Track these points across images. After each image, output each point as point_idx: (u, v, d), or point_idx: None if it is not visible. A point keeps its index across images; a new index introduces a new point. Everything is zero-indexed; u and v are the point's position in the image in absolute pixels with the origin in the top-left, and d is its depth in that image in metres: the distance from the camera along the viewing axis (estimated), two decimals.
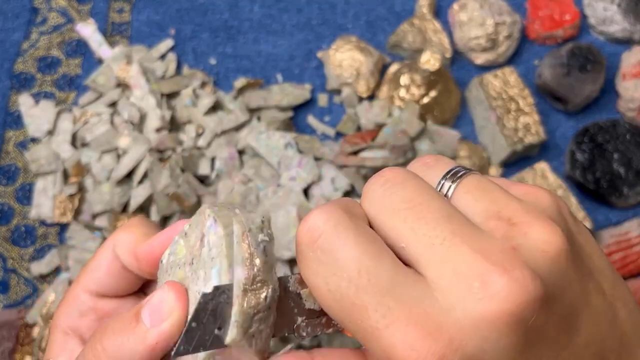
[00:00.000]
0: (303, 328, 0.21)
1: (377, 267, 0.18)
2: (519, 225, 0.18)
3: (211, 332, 0.20)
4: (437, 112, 0.60)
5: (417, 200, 0.19)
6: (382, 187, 0.20)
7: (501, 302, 0.16)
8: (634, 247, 0.54)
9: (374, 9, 0.67)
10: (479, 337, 0.17)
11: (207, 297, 0.19)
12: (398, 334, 0.17)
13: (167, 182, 0.53)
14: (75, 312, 0.27)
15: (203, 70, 0.63)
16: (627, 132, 0.57)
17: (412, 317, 0.17)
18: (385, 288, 0.17)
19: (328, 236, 0.18)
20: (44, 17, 0.67)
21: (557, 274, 0.18)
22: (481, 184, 0.20)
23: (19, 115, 0.61)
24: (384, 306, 0.17)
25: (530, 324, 0.17)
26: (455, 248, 0.17)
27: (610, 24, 0.64)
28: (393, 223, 0.19)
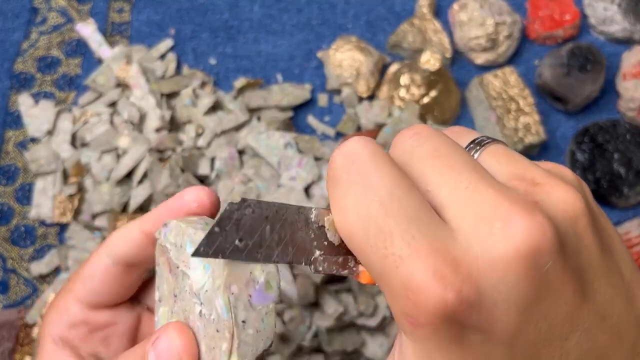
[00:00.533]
0: (320, 263, 0.21)
1: (407, 198, 0.18)
2: (542, 186, 0.19)
3: (232, 241, 0.20)
4: (437, 112, 0.59)
5: (446, 150, 0.19)
6: (412, 138, 0.20)
7: (520, 242, 0.17)
8: (634, 247, 0.54)
9: (374, 9, 0.67)
10: (495, 277, 0.17)
11: (233, 207, 0.20)
12: (419, 263, 0.17)
13: (167, 182, 0.53)
14: (65, 323, 0.27)
15: (203, 70, 0.63)
16: (628, 132, 0.57)
17: (434, 249, 0.17)
18: (413, 219, 0.18)
19: (365, 160, 0.19)
20: (44, 17, 0.67)
21: (574, 235, 0.18)
22: (506, 151, 0.20)
23: (18, 115, 0.61)
24: (409, 235, 0.17)
25: (546, 272, 0.17)
26: (479, 192, 0.18)
27: (610, 24, 0.64)
28: (421, 167, 0.19)
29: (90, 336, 0.27)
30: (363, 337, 0.49)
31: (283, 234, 0.20)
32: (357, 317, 0.49)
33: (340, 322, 0.48)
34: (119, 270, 0.26)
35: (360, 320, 0.49)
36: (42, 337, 0.27)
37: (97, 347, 0.27)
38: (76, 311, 0.27)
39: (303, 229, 0.21)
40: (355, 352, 0.49)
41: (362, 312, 0.49)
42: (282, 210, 0.21)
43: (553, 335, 0.18)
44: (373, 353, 0.49)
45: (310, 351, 0.48)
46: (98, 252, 0.27)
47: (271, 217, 0.20)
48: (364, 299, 0.49)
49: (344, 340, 0.48)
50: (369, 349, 0.49)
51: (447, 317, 0.17)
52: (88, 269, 0.27)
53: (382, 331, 0.50)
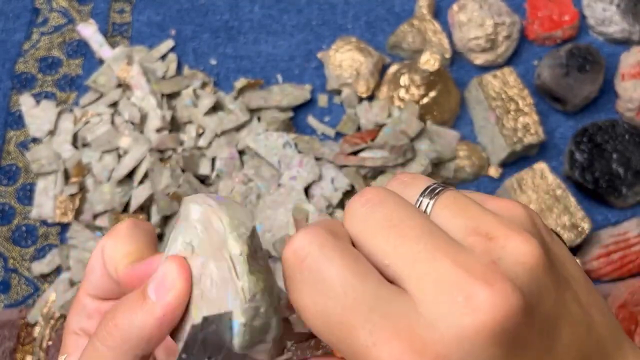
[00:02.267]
0: (293, 352, 0.21)
1: (363, 285, 0.18)
2: (497, 239, 0.19)
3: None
4: (437, 112, 0.60)
5: (398, 218, 0.19)
6: (364, 207, 0.20)
7: (485, 315, 0.17)
8: (632, 247, 0.54)
9: (374, 10, 0.68)
10: (463, 351, 0.17)
11: (196, 328, 0.20)
12: (385, 351, 0.17)
13: (167, 182, 0.53)
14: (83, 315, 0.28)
15: (203, 70, 0.63)
16: (626, 132, 0.58)
17: (398, 332, 0.17)
18: (371, 306, 0.18)
19: (314, 257, 0.19)
20: (45, 17, 0.67)
21: (535, 284, 0.18)
22: (458, 200, 0.20)
23: (20, 115, 0.61)
24: (370, 323, 0.18)
25: (513, 335, 0.17)
26: (437, 262, 0.18)
27: (609, 24, 0.64)
28: (376, 241, 0.19)
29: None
30: None
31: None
32: None
33: None
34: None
35: None
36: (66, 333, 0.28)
37: None
38: (88, 303, 0.28)
39: None
40: None
41: None
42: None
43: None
44: None
45: None
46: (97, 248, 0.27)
47: None
48: None
49: None
50: None
51: None
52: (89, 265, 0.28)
53: None
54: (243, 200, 0.54)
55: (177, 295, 0.22)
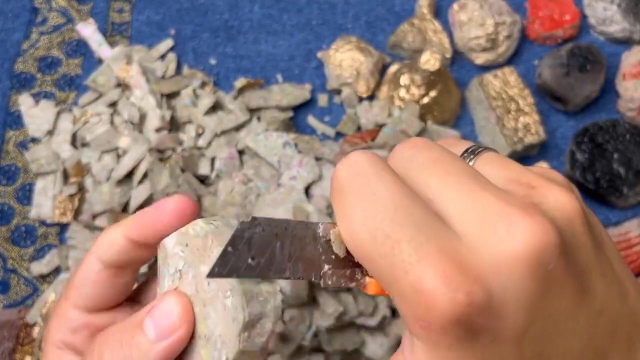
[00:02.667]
0: (329, 277, 0.21)
1: (412, 206, 0.19)
2: (538, 188, 0.19)
3: (245, 260, 0.20)
4: (437, 112, 0.60)
5: (444, 159, 0.20)
6: (410, 150, 0.21)
7: (524, 243, 0.17)
8: (634, 247, 0.54)
9: (374, 9, 0.68)
10: (503, 278, 0.17)
11: (244, 225, 0.20)
12: (428, 267, 0.17)
13: (167, 182, 0.53)
14: (66, 329, 0.27)
15: (203, 70, 0.63)
16: (627, 132, 0.57)
17: (442, 253, 0.17)
18: (419, 225, 0.18)
19: (368, 172, 0.19)
20: (44, 17, 0.67)
21: (572, 234, 0.19)
22: (500, 158, 0.21)
23: (19, 115, 0.61)
24: (416, 240, 0.18)
25: (549, 270, 0.18)
26: (480, 197, 0.18)
27: (610, 24, 0.64)
28: (421, 177, 0.20)
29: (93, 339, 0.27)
30: (363, 336, 0.49)
31: (293, 250, 0.21)
32: (357, 316, 0.49)
33: (340, 321, 0.48)
34: (109, 273, 0.27)
35: (360, 320, 0.49)
36: (46, 344, 0.27)
37: None
38: (75, 317, 0.27)
39: (311, 244, 0.21)
40: (355, 351, 0.49)
41: (362, 312, 0.49)
42: (291, 227, 0.21)
43: (557, 331, 0.18)
44: (373, 352, 0.49)
45: (310, 351, 0.48)
46: (87, 257, 0.27)
47: (281, 234, 0.21)
48: (364, 299, 0.49)
49: (344, 339, 0.48)
50: (369, 348, 0.49)
51: (458, 320, 0.17)
52: (80, 275, 0.27)
53: (382, 331, 0.50)
54: (243, 200, 0.53)
55: (180, 337, 0.21)
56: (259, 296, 0.22)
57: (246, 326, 0.21)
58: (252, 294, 0.22)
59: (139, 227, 0.26)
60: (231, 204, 0.53)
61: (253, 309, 0.21)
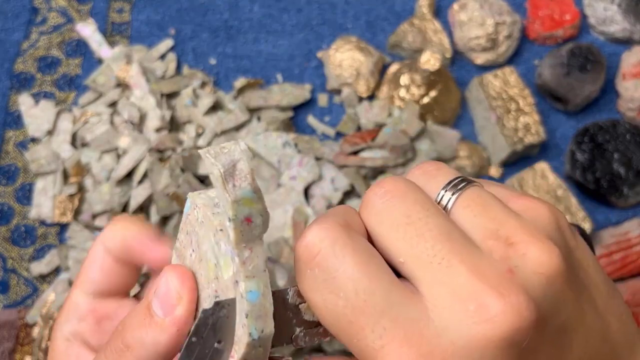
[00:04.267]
0: (301, 338, 0.21)
1: (374, 288, 0.18)
2: (517, 246, 0.18)
3: (211, 346, 0.20)
4: (437, 112, 0.60)
5: (417, 215, 0.19)
6: (381, 199, 0.20)
7: (495, 327, 0.17)
8: (634, 247, 0.54)
9: (374, 9, 0.67)
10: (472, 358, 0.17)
11: (207, 313, 0.20)
12: (393, 354, 0.17)
13: (167, 182, 0.53)
14: (74, 318, 0.27)
15: (203, 70, 0.63)
16: (627, 132, 0.57)
17: (407, 338, 0.17)
18: (382, 309, 0.18)
19: (325, 254, 0.19)
20: (44, 17, 0.67)
21: (552, 296, 0.18)
22: (481, 199, 0.20)
23: (19, 115, 0.61)
24: (380, 327, 0.17)
25: (523, 347, 0.17)
26: (453, 268, 0.18)
27: (610, 24, 0.64)
28: (392, 237, 0.19)
29: (99, 327, 0.27)
30: None
31: None
32: None
33: None
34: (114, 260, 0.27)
35: None
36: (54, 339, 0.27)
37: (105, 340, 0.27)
38: (82, 302, 0.27)
39: (281, 310, 0.21)
40: None
41: None
42: None
43: None
44: None
45: (310, 351, 0.48)
46: (95, 242, 0.27)
47: None
48: None
49: None
50: None
51: None
52: (88, 260, 0.27)
53: None
54: None
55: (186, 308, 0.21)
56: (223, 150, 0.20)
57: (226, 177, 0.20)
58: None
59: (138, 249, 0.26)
60: None
61: (222, 160, 0.20)
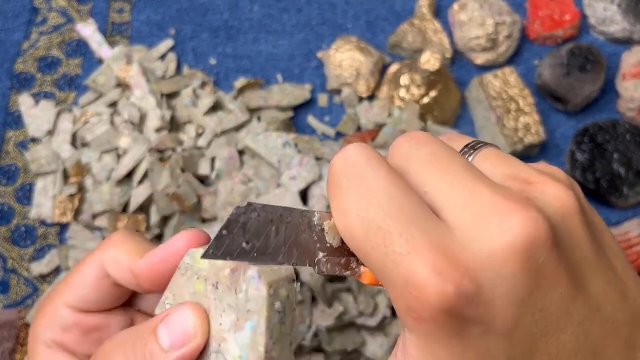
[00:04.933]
0: (323, 264, 0.21)
1: (405, 199, 0.19)
2: (535, 184, 0.19)
3: (239, 244, 0.20)
4: (437, 112, 0.60)
5: (442, 154, 0.20)
6: (409, 143, 0.21)
7: (515, 236, 0.17)
8: (633, 247, 0.54)
9: (374, 9, 0.67)
10: (493, 271, 0.17)
11: (239, 210, 0.20)
12: (419, 259, 0.17)
13: (167, 182, 0.53)
14: (57, 327, 0.26)
15: (203, 70, 0.63)
16: (627, 132, 0.57)
17: (432, 245, 0.18)
18: (411, 218, 0.18)
19: (363, 165, 0.20)
20: (44, 17, 0.67)
21: (567, 230, 0.19)
22: (499, 154, 0.21)
23: (19, 115, 0.61)
24: (408, 232, 0.18)
25: (541, 264, 0.18)
26: (475, 192, 0.18)
27: (610, 24, 0.64)
28: (418, 171, 0.20)
29: (85, 338, 0.26)
30: (363, 336, 0.49)
31: (287, 236, 0.21)
32: (357, 316, 0.49)
33: (340, 321, 0.48)
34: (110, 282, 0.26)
35: (360, 320, 0.49)
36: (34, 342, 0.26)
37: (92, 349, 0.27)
38: (67, 315, 0.26)
39: (306, 231, 0.21)
40: (355, 351, 0.49)
41: (362, 312, 0.49)
42: (286, 213, 0.21)
43: (549, 326, 0.18)
44: (373, 353, 0.49)
45: (310, 350, 0.48)
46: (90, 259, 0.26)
47: (276, 220, 0.21)
48: (364, 299, 0.49)
49: (344, 339, 0.48)
50: (369, 348, 0.49)
51: (448, 311, 0.17)
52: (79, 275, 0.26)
53: (382, 331, 0.50)
54: (243, 200, 0.53)
55: (194, 349, 0.21)
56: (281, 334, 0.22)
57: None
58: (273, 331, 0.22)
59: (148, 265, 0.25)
60: (231, 204, 0.53)
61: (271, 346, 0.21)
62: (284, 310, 0.21)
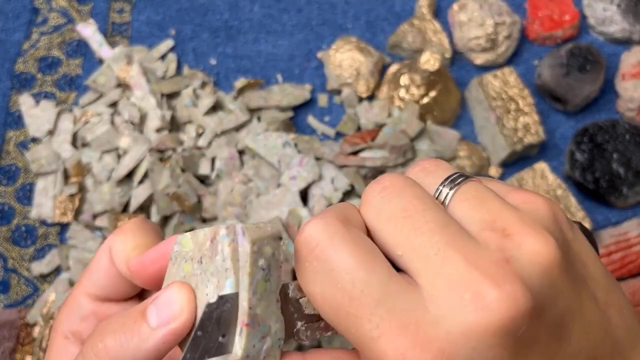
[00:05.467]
0: (303, 332, 0.21)
1: (371, 279, 0.18)
2: (513, 237, 0.19)
3: (216, 339, 0.20)
4: (437, 112, 0.60)
5: (414, 209, 0.19)
6: (380, 195, 0.20)
7: (491, 315, 0.17)
8: (633, 247, 0.54)
9: (374, 9, 0.68)
10: (468, 348, 0.17)
11: (212, 307, 0.20)
12: (390, 343, 0.17)
13: (167, 182, 0.53)
14: (76, 317, 0.27)
15: (203, 70, 0.63)
16: (627, 132, 0.57)
17: (403, 327, 0.17)
18: (378, 299, 0.18)
19: (324, 247, 0.19)
20: (45, 17, 0.67)
21: (548, 285, 0.18)
22: (478, 193, 0.20)
23: (19, 115, 0.61)
24: (377, 317, 0.18)
25: (520, 335, 0.17)
26: (449, 259, 0.18)
27: (609, 24, 0.64)
28: (390, 230, 0.19)
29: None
30: None
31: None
32: None
33: None
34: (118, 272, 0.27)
35: None
36: (54, 334, 0.27)
37: None
38: (85, 303, 0.27)
39: (282, 304, 0.21)
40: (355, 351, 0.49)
41: None
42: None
43: None
44: None
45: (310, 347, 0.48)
46: (103, 247, 0.27)
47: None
48: None
49: (344, 339, 0.49)
50: None
51: None
52: (93, 264, 0.27)
53: None
54: (243, 200, 0.53)
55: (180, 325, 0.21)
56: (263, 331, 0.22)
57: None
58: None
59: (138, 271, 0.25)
60: (231, 204, 0.53)
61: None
62: (269, 267, 0.21)
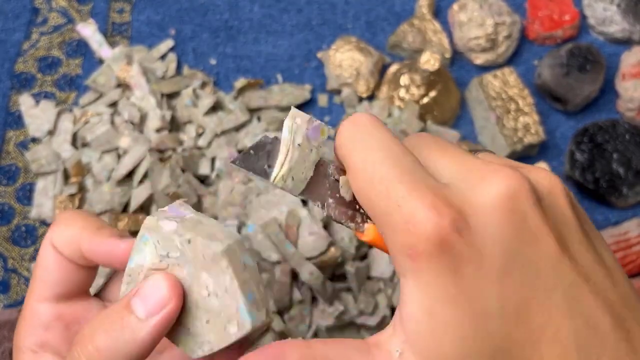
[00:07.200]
0: (332, 208, 0.24)
1: (404, 155, 0.21)
2: (524, 168, 0.22)
3: (262, 165, 0.23)
4: (437, 112, 0.60)
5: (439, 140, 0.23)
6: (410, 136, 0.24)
7: (500, 189, 0.20)
8: (633, 247, 0.54)
9: (374, 9, 0.68)
10: (483, 215, 0.19)
11: (267, 139, 0.23)
12: (418, 200, 0.19)
13: (167, 182, 0.53)
14: (38, 327, 0.26)
15: (203, 70, 0.63)
16: (627, 132, 0.57)
17: (430, 190, 0.20)
18: (410, 170, 0.21)
19: (368, 126, 0.22)
20: (45, 17, 0.67)
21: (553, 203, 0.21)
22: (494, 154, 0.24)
23: (19, 115, 0.61)
24: (408, 180, 0.20)
25: (524, 217, 0.19)
26: (467, 160, 0.21)
27: (609, 24, 0.64)
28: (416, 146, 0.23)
29: (68, 333, 0.26)
30: (363, 336, 0.50)
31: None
32: (357, 316, 0.49)
33: (340, 321, 0.48)
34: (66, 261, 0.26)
35: (360, 319, 0.49)
36: (18, 353, 0.26)
37: None
38: (45, 310, 0.26)
39: (320, 176, 0.24)
40: None
41: (362, 311, 0.49)
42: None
43: (538, 282, 0.19)
44: None
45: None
46: (44, 244, 0.26)
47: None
48: (364, 298, 0.49)
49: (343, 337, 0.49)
50: None
51: (442, 242, 0.19)
52: (39, 266, 0.26)
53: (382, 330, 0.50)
54: (243, 200, 0.53)
55: (170, 312, 0.22)
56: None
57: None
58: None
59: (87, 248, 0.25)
60: (231, 204, 0.53)
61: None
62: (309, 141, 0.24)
